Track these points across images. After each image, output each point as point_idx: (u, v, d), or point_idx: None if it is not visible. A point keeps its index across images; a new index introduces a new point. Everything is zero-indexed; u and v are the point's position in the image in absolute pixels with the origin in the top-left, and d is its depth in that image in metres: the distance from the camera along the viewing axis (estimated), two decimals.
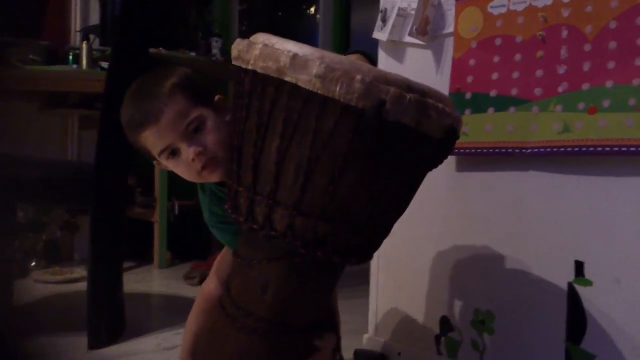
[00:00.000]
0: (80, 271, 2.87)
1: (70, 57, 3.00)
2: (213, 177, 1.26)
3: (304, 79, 0.95)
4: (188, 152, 1.20)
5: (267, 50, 0.99)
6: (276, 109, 1.00)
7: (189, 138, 1.20)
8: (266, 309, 1.14)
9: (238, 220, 1.10)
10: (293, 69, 0.96)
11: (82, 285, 1.99)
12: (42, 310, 2.44)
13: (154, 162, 1.30)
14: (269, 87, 1.00)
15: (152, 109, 1.18)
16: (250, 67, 1.02)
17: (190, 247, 3.32)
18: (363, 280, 1.90)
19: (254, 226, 1.06)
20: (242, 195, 1.08)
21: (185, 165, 1.23)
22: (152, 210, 3.15)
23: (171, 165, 1.25)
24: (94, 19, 3.33)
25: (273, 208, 1.04)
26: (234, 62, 1.09)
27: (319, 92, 0.95)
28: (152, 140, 1.21)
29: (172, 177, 3.09)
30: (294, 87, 0.97)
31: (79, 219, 3.33)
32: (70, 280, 2.81)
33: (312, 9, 4.38)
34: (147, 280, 2.92)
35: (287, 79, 0.97)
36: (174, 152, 1.22)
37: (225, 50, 3.52)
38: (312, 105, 0.97)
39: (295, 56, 0.96)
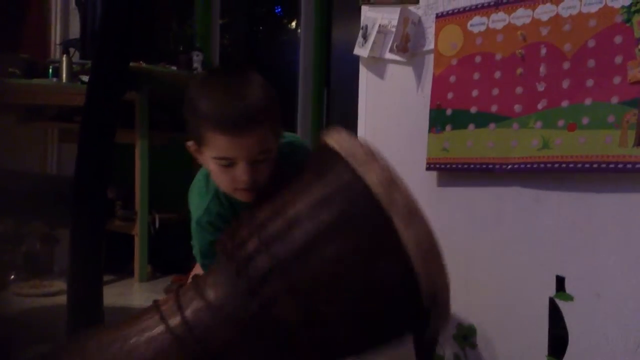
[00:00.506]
0: (60, 284, 2.83)
1: (50, 70, 2.98)
2: (242, 197, 1.25)
3: None
4: (243, 175, 1.19)
5: None
6: None
7: (252, 164, 1.19)
8: None
9: (229, 249, 1.09)
10: None
11: (62, 299, 1.96)
12: (21, 324, 2.40)
13: (188, 144, 1.26)
14: None
15: (247, 119, 1.15)
16: None
17: (171, 260, 3.29)
18: None
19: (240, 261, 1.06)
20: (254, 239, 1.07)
21: (228, 179, 1.21)
22: (132, 223, 3.12)
23: (214, 168, 1.23)
24: (75, 32, 3.30)
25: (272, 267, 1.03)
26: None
27: None
28: (225, 142, 1.17)
29: (153, 190, 3.09)
30: None
31: (58, 232, 3.29)
32: (50, 294, 2.77)
33: (294, 24, 4.39)
34: (127, 294, 2.89)
35: None
36: (230, 164, 1.19)
37: (207, 64, 3.51)
38: None
39: None
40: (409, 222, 0.99)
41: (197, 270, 1.51)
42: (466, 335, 1.59)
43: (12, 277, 3.02)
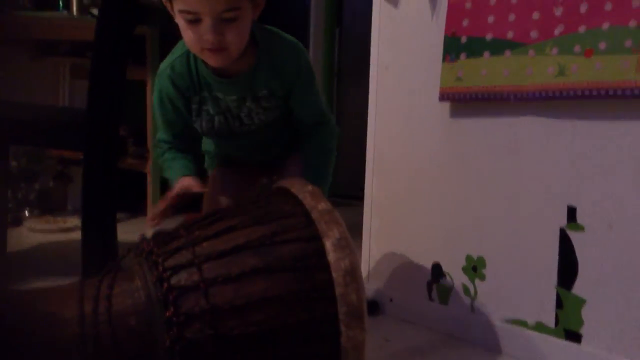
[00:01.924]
0: (74, 221, 2.87)
1: (61, 3, 2.94)
2: (210, 61, 1.24)
3: None
4: (207, 33, 1.17)
5: None
6: None
7: (217, 23, 1.17)
8: None
9: (154, 255, 1.04)
10: None
11: (76, 235, 1.98)
12: (36, 258, 2.44)
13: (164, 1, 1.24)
14: None
15: None
16: None
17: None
18: (355, 232, 1.90)
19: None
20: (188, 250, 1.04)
21: (195, 37, 1.19)
22: (144, 161, 3.13)
23: (181, 24, 1.21)
24: None
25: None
26: None
27: None
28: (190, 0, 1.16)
29: None
30: None
31: (71, 170, 3.31)
32: (64, 230, 2.81)
33: None
34: (140, 231, 2.92)
35: None
36: (195, 20, 1.18)
37: None
38: None
39: None
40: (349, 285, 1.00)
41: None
42: (475, 267, 1.59)
43: (26, 213, 3.06)
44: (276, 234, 1.04)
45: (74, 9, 2.81)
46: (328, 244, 1.02)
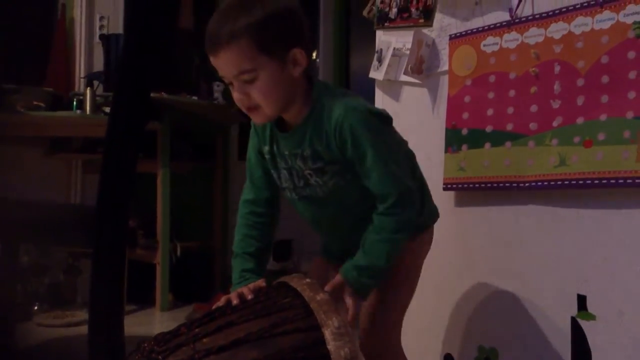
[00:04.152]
0: (83, 314, 2.85)
1: (74, 103, 3.04)
2: (254, 120, 1.28)
3: None
4: (234, 93, 1.23)
5: None
6: None
7: (239, 84, 1.21)
8: None
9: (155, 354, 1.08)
10: None
11: (85, 329, 1.97)
12: (45, 354, 2.42)
13: None
14: None
15: (219, 39, 1.18)
16: None
17: (192, 289, 3.30)
18: None
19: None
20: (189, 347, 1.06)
21: (234, 98, 1.25)
22: (154, 252, 3.14)
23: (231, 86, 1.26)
24: (98, 65, 3.38)
25: None
26: None
27: None
28: (213, 62, 1.22)
29: (174, 219, 3.12)
30: None
31: (81, 263, 3.32)
32: (73, 324, 2.79)
33: (314, 54, 4.45)
34: (149, 323, 2.90)
35: None
36: (229, 83, 1.24)
37: (227, 94, 3.56)
38: None
39: None
40: None
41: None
42: (488, 358, 1.56)
43: (36, 307, 3.05)
44: (275, 325, 1.05)
45: (87, 108, 2.90)
46: (327, 333, 1.02)
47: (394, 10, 1.76)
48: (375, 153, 1.22)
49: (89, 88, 3.00)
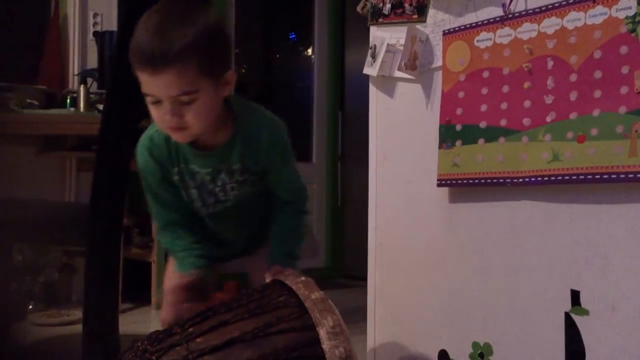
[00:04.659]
0: (78, 313, 2.84)
1: (68, 100, 3.03)
2: (173, 138, 1.26)
3: None
4: (166, 114, 1.18)
5: None
6: None
7: (175, 105, 1.18)
8: None
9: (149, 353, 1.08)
10: None
11: (80, 328, 1.97)
12: (40, 353, 2.41)
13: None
14: None
15: (162, 58, 1.13)
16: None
17: None
18: (360, 317, 1.88)
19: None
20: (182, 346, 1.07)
21: (159, 117, 1.21)
22: (149, 250, 3.14)
23: (150, 105, 1.22)
24: (92, 62, 3.37)
25: None
26: None
27: None
28: (145, 79, 1.17)
29: None
30: None
31: (76, 261, 3.31)
32: (67, 323, 2.79)
33: (310, 50, 4.44)
34: (144, 322, 2.90)
35: None
36: (156, 102, 1.19)
37: None
38: None
39: None
40: None
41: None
42: (482, 353, 1.56)
43: (31, 306, 3.04)
44: (270, 325, 1.05)
45: (81, 105, 2.89)
46: (322, 333, 1.02)
47: (388, 6, 1.75)
48: (290, 162, 1.43)
49: (82, 85, 2.99)
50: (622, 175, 1.26)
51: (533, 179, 1.41)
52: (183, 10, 1.19)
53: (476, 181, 1.53)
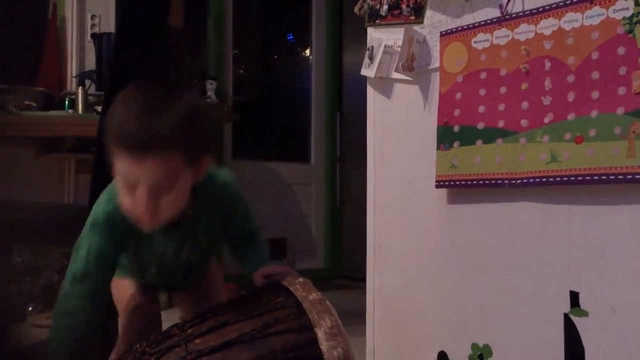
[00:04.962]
0: None
1: (67, 102, 3.03)
2: (147, 225, 1.16)
3: None
4: (140, 199, 1.10)
5: None
6: None
7: (153, 193, 1.10)
8: None
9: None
10: None
11: None
12: (39, 355, 2.40)
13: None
14: None
15: (148, 145, 1.07)
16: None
17: None
18: (359, 318, 1.88)
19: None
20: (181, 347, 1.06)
21: (129, 200, 1.12)
22: None
23: (119, 185, 1.14)
24: (90, 64, 3.36)
25: None
26: None
27: None
28: (123, 162, 1.09)
29: None
30: None
31: None
32: None
33: (308, 52, 4.44)
34: None
35: None
36: (133, 186, 1.11)
37: (220, 92, 3.55)
38: None
39: None
40: None
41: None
42: (482, 355, 1.56)
43: (30, 308, 3.04)
44: (268, 326, 1.05)
45: (79, 107, 2.89)
46: (320, 333, 1.02)
47: (385, 7, 1.76)
48: (245, 205, 1.41)
49: (80, 87, 2.98)
50: (620, 176, 1.26)
51: (531, 180, 1.42)
52: (168, 92, 1.14)
53: (474, 182, 1.53)
